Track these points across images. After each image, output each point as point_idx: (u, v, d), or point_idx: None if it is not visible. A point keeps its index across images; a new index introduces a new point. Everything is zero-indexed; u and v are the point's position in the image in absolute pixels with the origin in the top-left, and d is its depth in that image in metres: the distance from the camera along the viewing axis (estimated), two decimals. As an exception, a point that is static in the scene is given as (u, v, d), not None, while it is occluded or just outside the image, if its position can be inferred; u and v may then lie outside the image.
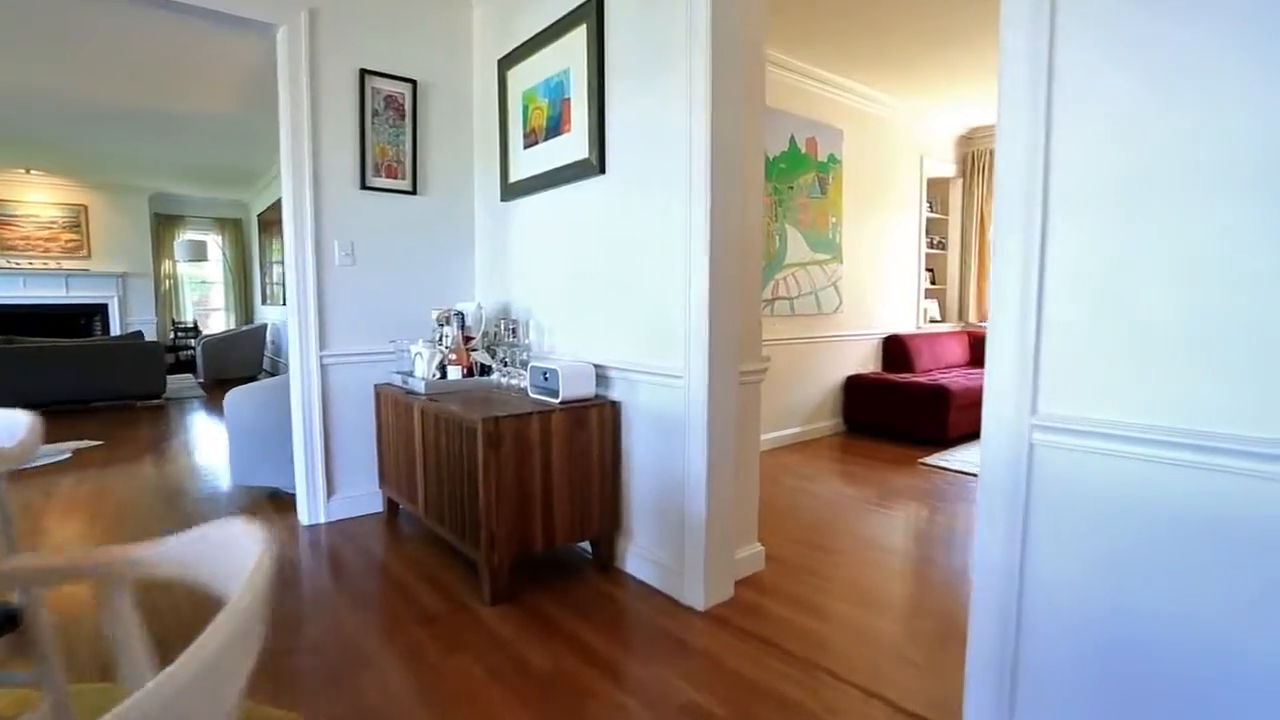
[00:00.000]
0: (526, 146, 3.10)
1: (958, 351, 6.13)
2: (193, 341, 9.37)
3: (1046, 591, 1.43)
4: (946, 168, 6.36)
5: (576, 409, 2.47)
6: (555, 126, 2.88)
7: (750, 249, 2.48)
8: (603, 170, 2.62)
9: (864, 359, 5.60)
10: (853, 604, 2.36)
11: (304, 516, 3.14)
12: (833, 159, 5.09)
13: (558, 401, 2.48)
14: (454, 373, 2.90)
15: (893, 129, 5.67)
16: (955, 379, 5.07)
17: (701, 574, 2.29)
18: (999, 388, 1.47)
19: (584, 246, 2.78)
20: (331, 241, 3.15)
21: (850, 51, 4.50)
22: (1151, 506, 1.27)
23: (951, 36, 4.24)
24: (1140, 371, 1.27)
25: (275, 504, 3.44)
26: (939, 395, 4.77)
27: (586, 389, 2.53)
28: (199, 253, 9.00)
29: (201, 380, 8.45)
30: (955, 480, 3.96)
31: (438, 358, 2.93)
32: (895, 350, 5.65)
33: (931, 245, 6.47)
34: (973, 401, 5.02)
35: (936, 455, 4.51)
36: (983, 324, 6.53)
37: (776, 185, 4.69)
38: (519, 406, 2.42)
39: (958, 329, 6.62)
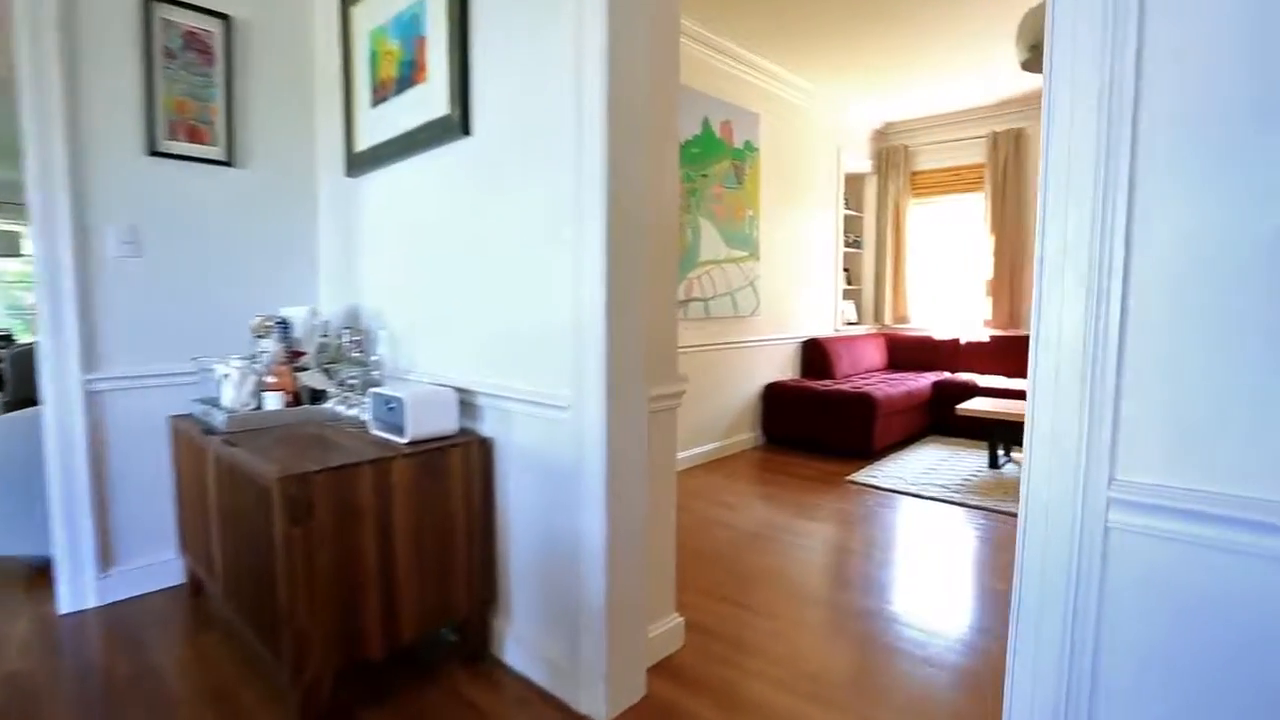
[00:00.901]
0: (375, 103, 2.40)
1: (876, 355, 5.86)
2: (2, 353, 7.83)
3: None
4: (862, 163, 6.09)
5: (431, 451, 1.81)
6: (409, 75, 2.21)
7: (665, 242, 1.91)
8: (467, 131, 1.98)
9: (783, 365, 5.20)
10: (794, 692, 1.84)
11: (63, 601, 2.30)
12: (749, 146, 4.64)
13: (404, 441, 1.82)
14: (273, 401, 2.16)
15: (810, 119, 5.31)
16: (878, 386, 4.75)
17: (602, 672, 1.69)
18: (1051, 440, 0.97)
19: (448, 232, 2.13)
20: (103, 227, 2.33)
21: (768, 28, 4.06)
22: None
23: (877, 13, 3.86)
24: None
25: (32, 582, 2.55)
26: (864, 404, 4.41)
27: (445, 422, 1.88)
28: (9, 246, 7.53)
29: (7, 400, 7.02)
30: (887, 501, 3.58)
31: (250, 381, 2.18)
32: (814, 355, 5.29)
33: (847, 244, 6.19)
34: (898, 410, 4.70)
35: (864, 471, 4.14)
36: (900, 326, 6.33)
37: (689, 172, 4.17)
38: (350, 451, 1.74)
39: (874, 331, 6.38)
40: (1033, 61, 3.60)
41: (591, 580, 1.70)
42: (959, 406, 4.20)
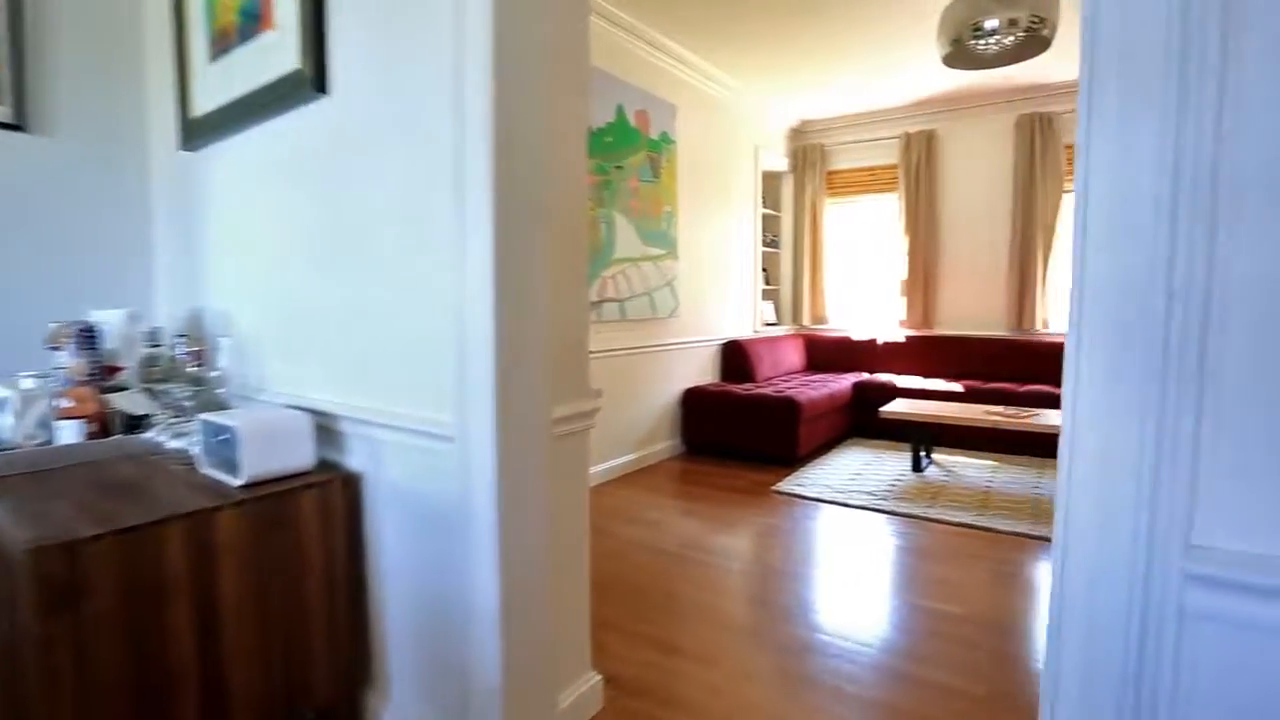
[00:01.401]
0: (215, 57, 1.94)
1: (796, 357, 5.76)
2: None
3: None
4: (779, 161, 5.98)
5: (275, 496, 1.41)
6: (252, 22, 1.78)
7: (572, 229, 1.59)
8: (322, 89, 1.58)
9: (702, 369, 4.98)
10: (735, 763, 1.56)
11: None
12: (666, 138, 4.39)
13: (238, 484, 1.40)
14: (69, 431, 1.68)
15: (728, 113, 5.12)
16: (801, 389, 4.61)
17: (500, 766, 1.35)
18: (1099, 481, 0.71)
19: (304, 218, 1.71)
20: None
21: (688, 15, 3.80)
22: None
23: (797, 7, 3.68)
24: None
25: None
26: (788, 409, 4.25)
27: (295, 456, 1.48)
28: None
29: None
30: (816, 512, 3.40)
31: (38, 406, 1.69)
32: (735, 358, 5.10)
33: (766, 243, 6.07)
34: (821, 413, 4.57)
35: (790, 479, 3.96)
36: (818, 326, 6.27)
37: (602, 163, 3.86)
38: (159, 501, 1.31)
39: (793, 332, 6.30)
40: (954, 56, 3.53)
41: (483, 649, 1.36)
42: (883, 410, 4.11)
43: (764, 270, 6.14)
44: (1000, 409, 4.01)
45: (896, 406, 4.16)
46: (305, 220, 1.70)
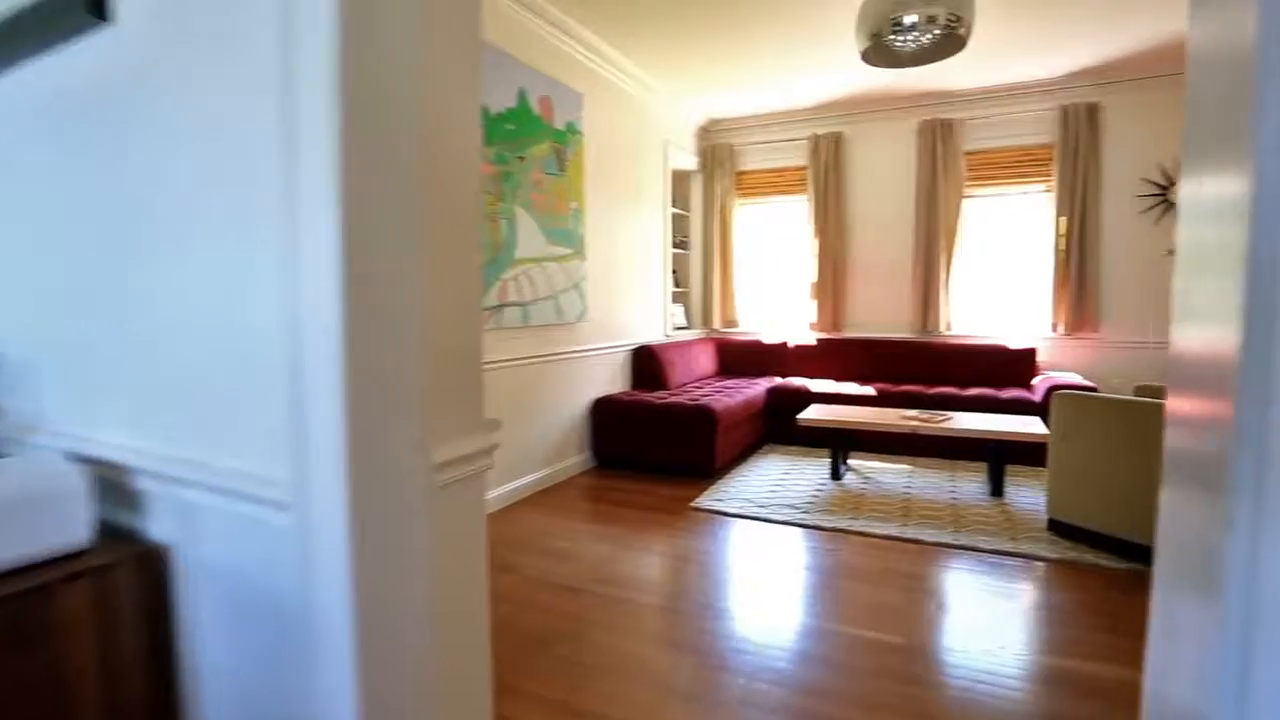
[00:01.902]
0: (-41, -19, 1.44)
1: (708, 362, 5.58)
2: None
3: None
4: (689, 160, 5.79)
5: (21, 595, 0.97)
6: (6, -72, 1.30)
7: (461, 216, 1.23)
8: (101, 13, 1.15)
9: (613, 376, 4.68)
10: None
11: None
12: (572, 129, 4.06)
13: (-42, 581, 0.96)
14: None
15: (637, 107, 4.85)
16: (716, 396, 4.41)
17: None
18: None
19: (88, 195, 1.26)
20: None
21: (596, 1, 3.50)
22: None
23: (709, 3, 3.47)
24: None
25: None
26: (704, 418, 4.02)
27: (54, 533, 1.05)
28: None
29: None
30: (738, 530, 3.18)
31: None
32: (647, 365, 4.84)
33: (675, 244, 5.86)
34: (737, 421, 4.39)
35: (708, 493, 3.74)
36: (729, 330, 6.13)
37: (503, 152, 3.48)
38: None
39: (704, 336, 6.13)
40: (872, 51, 3.42)
41: (341, 794, 0.98)
42: (800, 417, 3.96)
43: (674, 272, 5.94)
44: (914, 413, 3.96)
45: (814, 414, 4.03)
46: (88, 198, 1.25)
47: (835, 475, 4.01)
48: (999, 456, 3.65)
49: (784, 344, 5.68)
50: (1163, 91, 4.68)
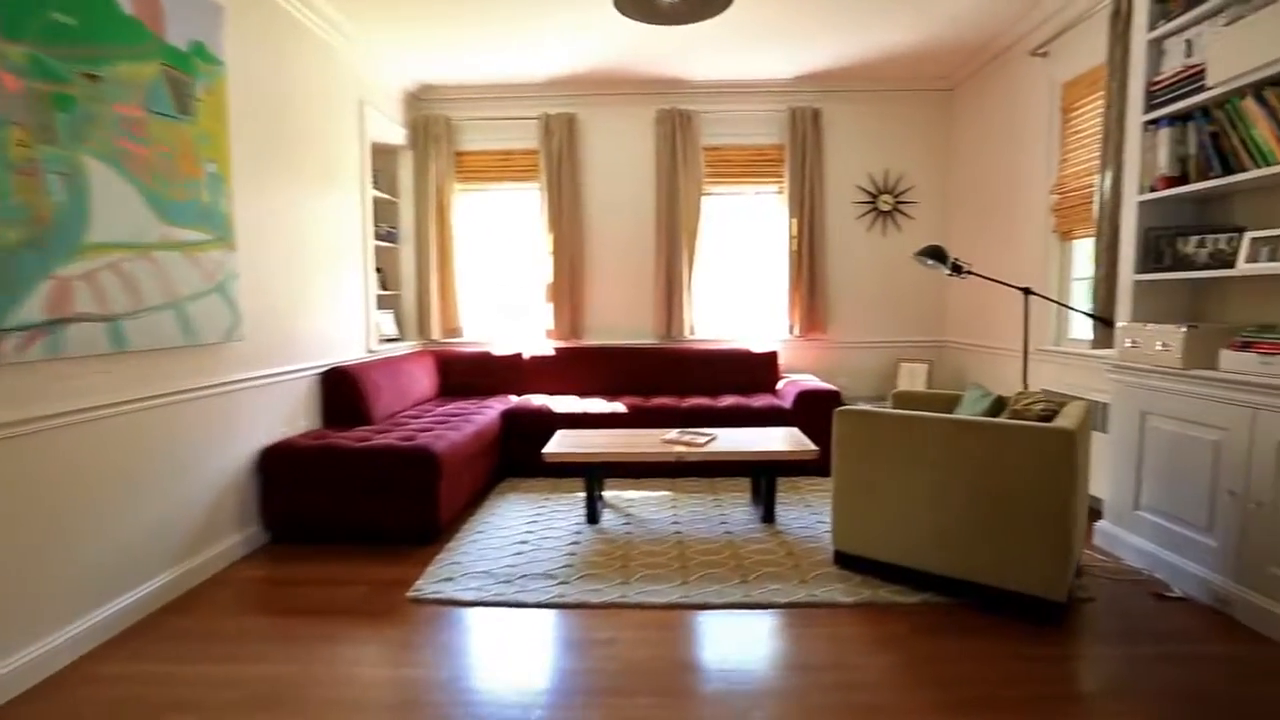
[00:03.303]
0: None
1: (426, 381, 4.51)
2: None
3: None
4: (395, 132, 4.64)
5: None
6: None
7: None
8: None
9: (291, 413, 3.39)
10: None
11: None
12: (203, 54, 2.71)
13: None
14: None
15: (320, 50, 3.60)
16: (437, 429, 3.41)
17: None
18: None
19: None
20: None
21: None
22: None
23: None
24: None
25: None
26: (423, 463, 3.01)
27: None
28: None
29: None
30: (477, 626, 2.27)
31: None
32: (342, 392, 3.63)
33: (380, 236, 4.67)
34: (467, 460, 3.45)
35: (432, 570, 2.74)
36: (452, 340, 5.11)
37: (46, 55, 2.06)
38: None
39: (420, 348, 5.02)
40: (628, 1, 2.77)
41: None
42: (546, 451, 3.18)
43: (379, 271, 4.73)
44: (674, 434, 3.45)
45: (561, 445, 3.29)
46: None
47: (592, 518, 3.31)
48: (769, 481, 3.30)
49: (518, 355, 4.87)
50: (872, 105, 4.91)
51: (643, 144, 4.95)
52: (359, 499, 3.03)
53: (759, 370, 4.81)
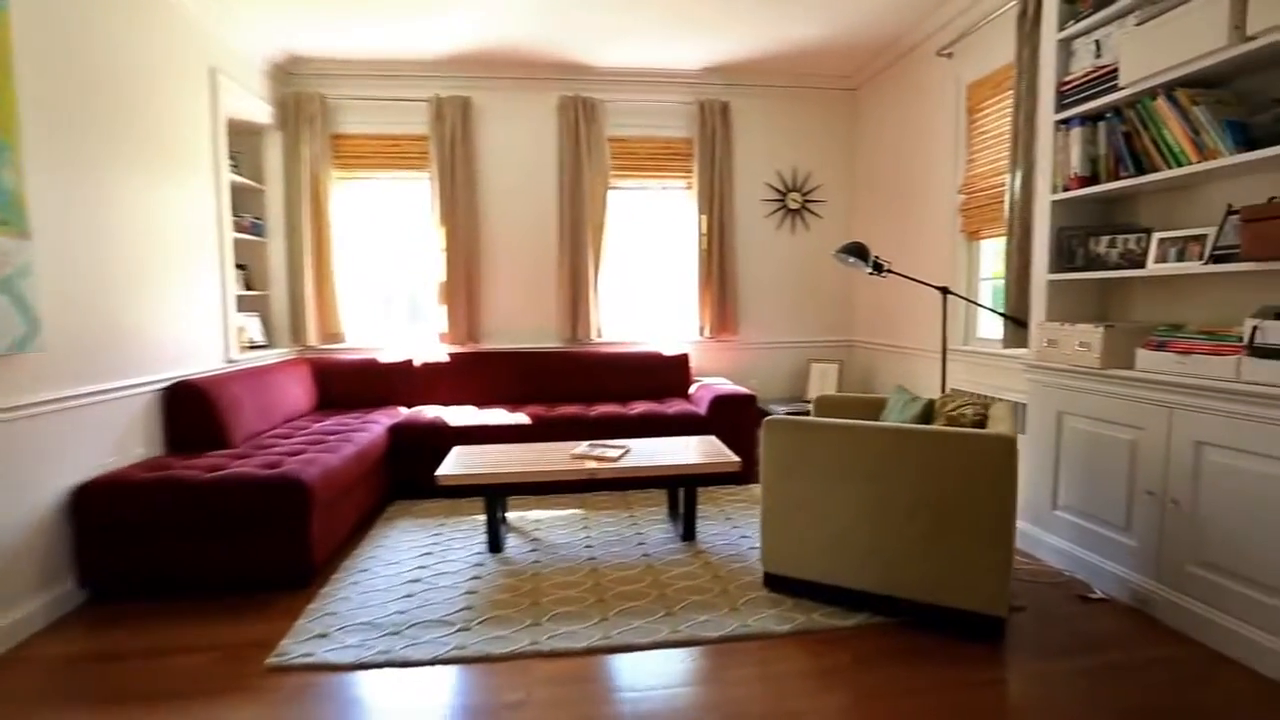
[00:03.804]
0: None
1: (300, 394, 3.96)
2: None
3: None
4: (258, 108, 4.04)
5: None
6: None
7: None
8: None
9: (121, 440, 2.79)
10: None
11: None
12: (-26, -15, 2.13)
13: None
14: None
15: (152, 1, 3.00)
16: (311, 451, 2.93)
17: None
18: None
19: None
20: None
21: None
22: None
23: None
24: None
25: None
26: (290, 494, 2.54)
27: None
28: None
29: None
30: (358, 697, 1.87)
31: None
32: (190, 411, 3.05)
33: (242, 228, 4.06)
34: (346, 486, 2.99)
35: (300, 626, 2.29)
36: (332, 347, 4.55)
37: None
38: None
39: (294, 356, 4.43)
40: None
41: None
42: (440, 473, 2.79)
43: (241, 268, 4.12)
44: (584, 447, 3.15)
45: (458, 464, 2.90)
46: None
47: (495, 546, 2.95)
48: (689, 496, 3.06)
49: (408, 363, 4.39)
50: (780, 101, 4.81)
51: (544, 133, 4.60)
52: (209, 541, 2.51)
53: (670, 374, 4.59)
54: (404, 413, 4.03)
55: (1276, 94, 2.10)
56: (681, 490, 3.13)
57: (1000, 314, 3.10)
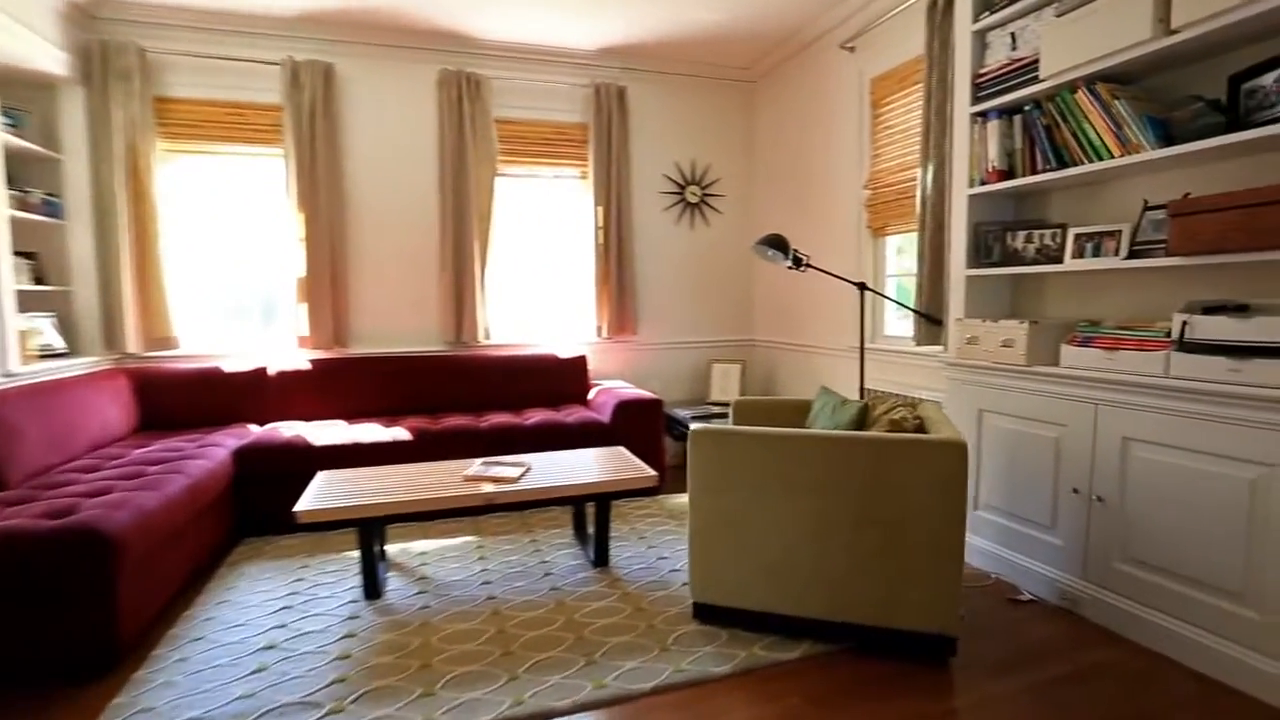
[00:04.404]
0: None
1: (112, 414, 3.21)
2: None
3: None
4: (47, 55, 3.22)
5: None
6: None
7: None
8: None
9: None
10: None
11: None
12: None
13: None
14: None
15: None
16: (120, 489, 2.29)
17: None
18: None
19: None
20: None
21: None
22: None
23: None
24: None
25: None
26: (84, 550, 1.92)
27: None
28: None
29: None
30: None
31: None
32: (-54, 441, 2.30)
33: (28, 207, 3.23)
34: (170, 535, 2.38)
35: (103, 727, 1.72)
36: (159, 354, 3.76)
37: None
38: None
39: (108, 367, 3.61)
40: None
41: None
42: (299, 508, 2.27)
43: (28, 257, 3.29)
44: (479, 468, 2.73)
45: (324, 496, 2.39)
46: None
47: (372, 591, 2.46)
48: (601, 516, 2.72)
49: (261, 371, 3.73)
50: (679, 90, 4.59)
51: (423, 110, 4.09)
52: (-36, 620, 1.85)
53: (568, 378, 4.23)
54: (255, 432, 3.38)
55: (1195, 90, 2.10)
56: (591, 509, 2.79)
57: (916, 311, 3.03)
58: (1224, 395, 1.86)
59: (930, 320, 3.01)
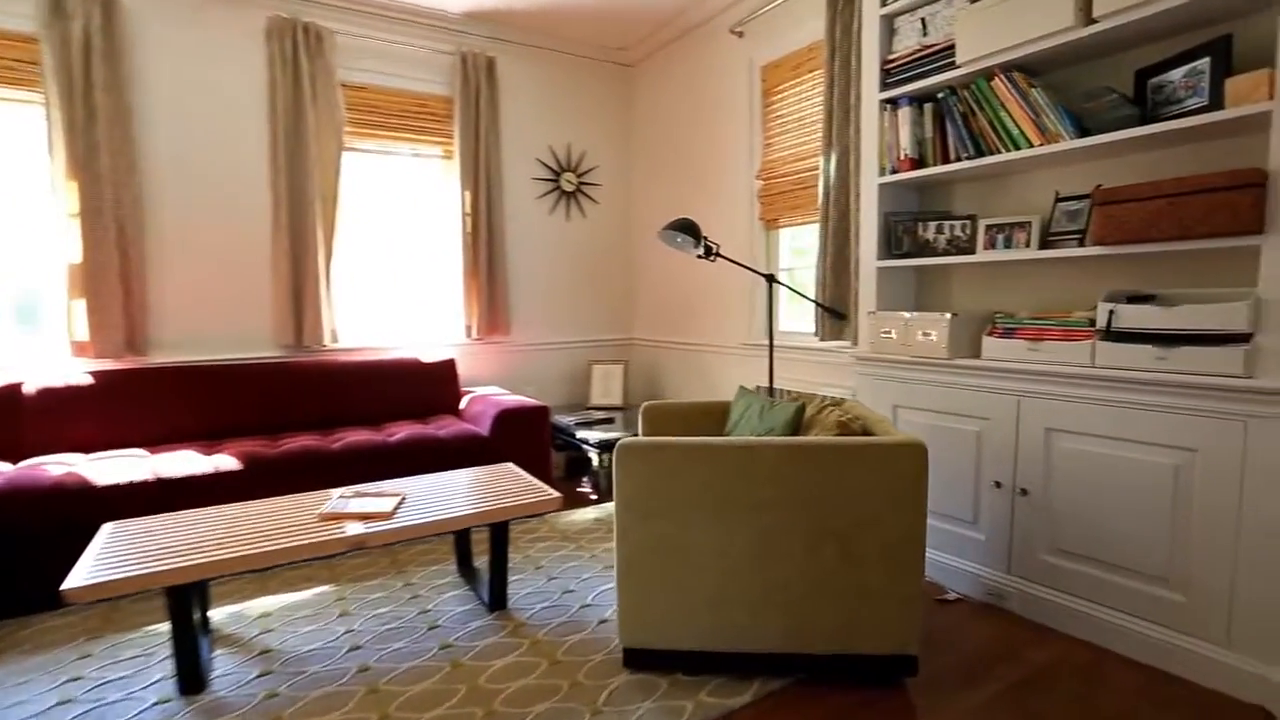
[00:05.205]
0: None
1: None
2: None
3: None
4: None
5: None
6: None
7: None
8: None
9: None
10: None
11: None
12: None
13: None
14: None
15: None
16: None
17: None
18: None
19: None
20: None
21: None
22: None
23: None
24: None
25: None
26: None
27: None
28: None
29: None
30: None
31: None
32: None
33: None
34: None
35: None
36: None
37: None
38: None
39: None
40: None
41: None
42: (70, 586, 1.62)
43: None
44: (337, 502, 2.19)
45: (111, 562, 1.75)
46: None
47: (192, 682, 1.83)
48: (497, 547, 2.28)
49: (15, 389, 2.83)
50: (553, 69, 4.21)
51: (248, 63, 3.35)
52: None
53: (436, 385, 3.69)
54: (7, 471, 2.52)
55: (1107, 81, 2.12)
56: (480, 538, 2.34)
57: (822, 305, 2.91)
58: (1150, 383, 1.86)
59: (835, 314, 2.90)
